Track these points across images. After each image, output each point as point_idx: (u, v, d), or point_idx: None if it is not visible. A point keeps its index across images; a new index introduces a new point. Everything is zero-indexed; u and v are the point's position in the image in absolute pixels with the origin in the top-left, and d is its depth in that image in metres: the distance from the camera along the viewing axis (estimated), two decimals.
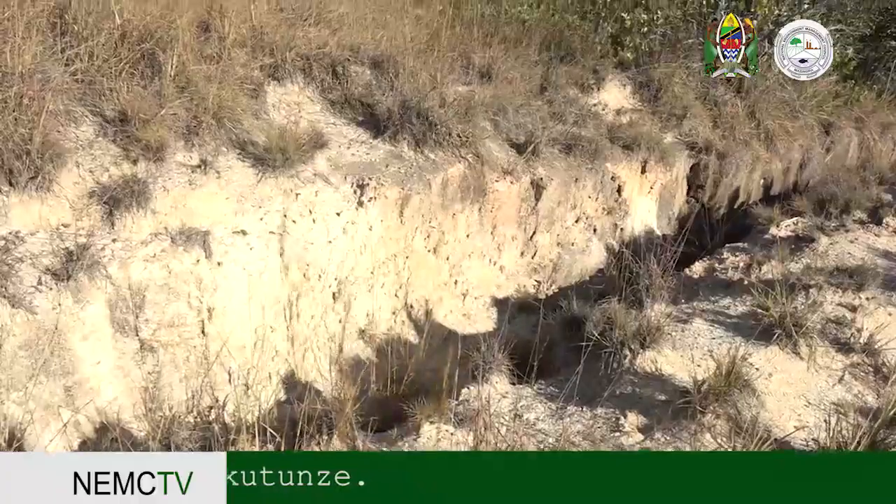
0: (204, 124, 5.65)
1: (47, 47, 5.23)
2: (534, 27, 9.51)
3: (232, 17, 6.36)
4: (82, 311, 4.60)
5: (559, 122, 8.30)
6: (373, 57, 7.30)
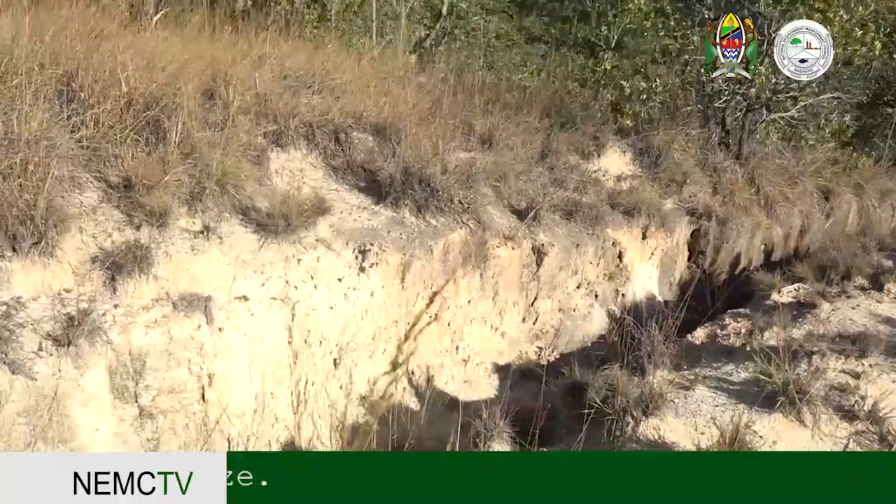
0: (207, 190, 5.69)
1: (54, 114, 5.28)
2: (535, 94, 9.64)
3: (236, 85, 6.44)
4: (82, 377, 4.57)
5: (560, 188, 8.35)
6: (375, 124, 7.37)
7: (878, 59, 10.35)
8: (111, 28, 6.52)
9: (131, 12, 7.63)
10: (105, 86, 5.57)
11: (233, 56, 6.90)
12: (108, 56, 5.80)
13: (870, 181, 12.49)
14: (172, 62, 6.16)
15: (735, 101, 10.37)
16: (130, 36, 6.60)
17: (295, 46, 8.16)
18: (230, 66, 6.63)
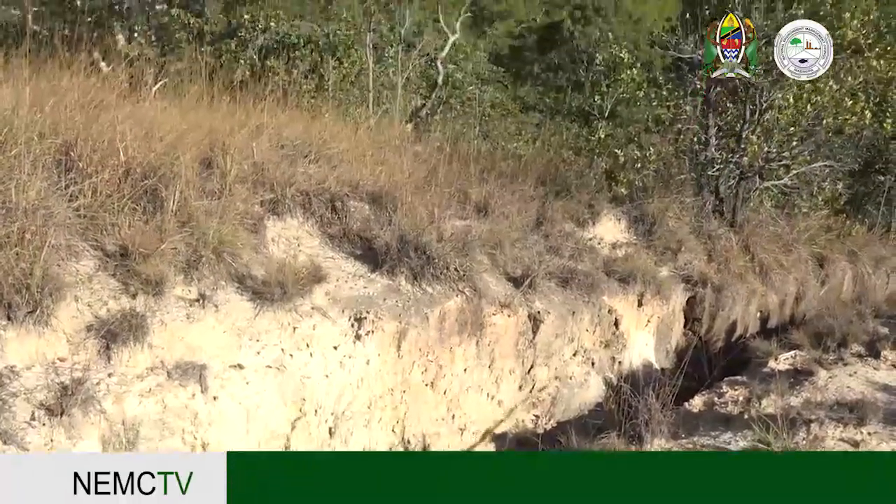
0: (203, 258, 5.70)
1: (52, 183, 5.32)
2: (530, 163, 9.72)
3: (234, 154, 6.49)
4: (74, 447, 4.52)
5: (555, 255, 8.38)
6: (371, 192, 7.42)
7: (868, 128, 10.47)
8: (110, 98, 6.60)
9: (131, 83, 7.71)
10: (103, 155, 5.62)
11: (231, 126, 6.97)
12: (107, 126, 5.86)
13: (864, 248, 12.55)
14: (171, 132, 6.22)
15: (728, 169, 10.47)
16: (129, 106, 6.67)
17: (292, 116, 8.25)
18: (228, 136, 6.70)
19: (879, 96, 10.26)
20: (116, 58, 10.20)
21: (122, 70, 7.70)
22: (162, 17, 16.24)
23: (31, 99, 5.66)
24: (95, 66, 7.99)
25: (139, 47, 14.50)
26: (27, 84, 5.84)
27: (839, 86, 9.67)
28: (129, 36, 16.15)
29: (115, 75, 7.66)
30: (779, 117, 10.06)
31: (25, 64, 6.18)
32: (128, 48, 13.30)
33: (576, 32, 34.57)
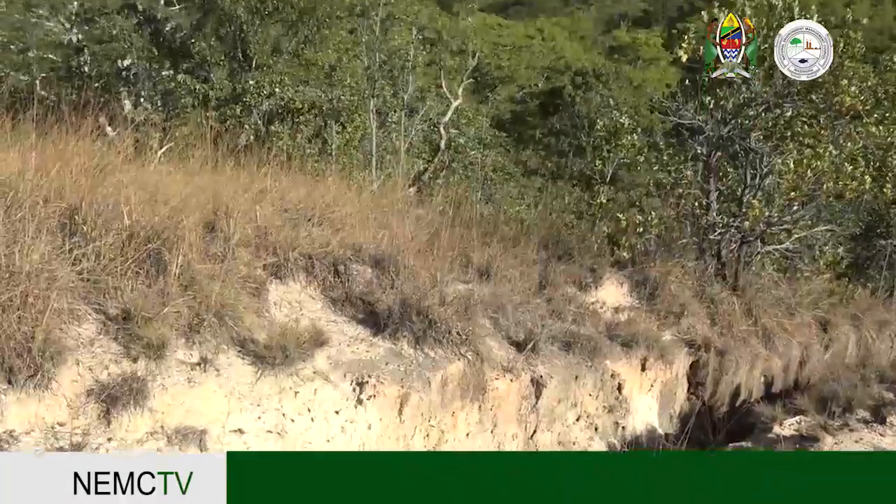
0: (206, 322, 5.70)
1: (56, 247, 5.34)
2: (532, 226, 9.76)
3: (237, 218, 6.52)
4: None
5: (558, 319, 8.36)
6: (374, 256, 7.44)
7: (868, 193, 10.52)
8: (116, 162, 6.65)
9: (136, 147, 7.80)
10: (108, 219, 5.65)
11: (235, 190, 7.02)
12: (112, 190, 5.91)
13: (867, 312, 12.52)
14: (175, 196, 6.26)
15: (730, 233, 10.50)
16: (135, 170, 6.73)
17: (296, 180, 8.30)
18: (232, 200, 6.74)
19: (879, 161, 10.32)
20: (123, 122, 10.33)
21: (127, 135, 7.78)
22: (168, 82, 16.46)
23: (38, 163, 5.71)
24: (102, 131, 8.07)
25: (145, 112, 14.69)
26: (34, 148, 5.91)
27: (839, 151, 9.75)
28: (136, 101, 16.35)
29: (121, 140, 7.74)
30: (779, 182, 10.12)
31: (32, 129, 6.25)
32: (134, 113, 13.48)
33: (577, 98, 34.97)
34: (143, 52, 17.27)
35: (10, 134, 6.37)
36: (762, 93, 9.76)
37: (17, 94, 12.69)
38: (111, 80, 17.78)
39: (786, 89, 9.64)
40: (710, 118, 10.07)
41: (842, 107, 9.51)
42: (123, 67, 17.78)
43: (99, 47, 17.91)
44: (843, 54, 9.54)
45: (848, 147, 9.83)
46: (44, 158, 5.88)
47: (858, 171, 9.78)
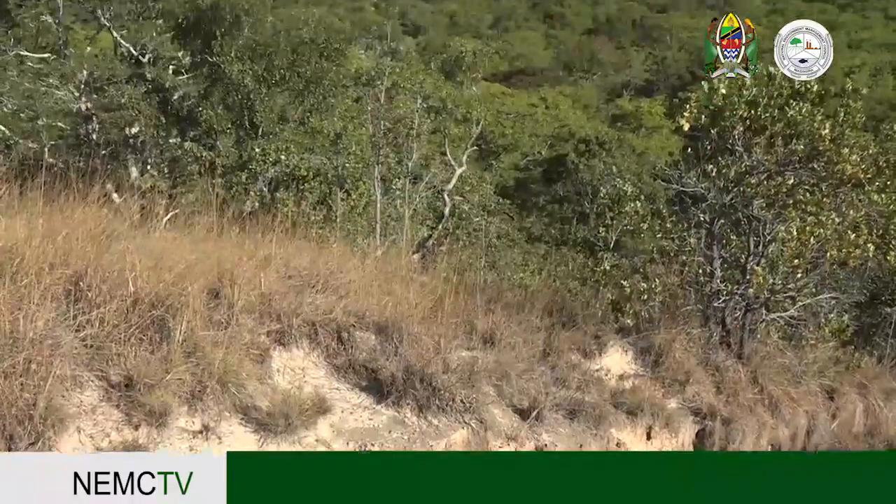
0: (208, 389, 5.68)
1: (60, 313, 5.35)
2: (536, 293, 9.75)
3: (241, 285, 6.54)
4: None
5: (562, 387, 8.31)
6: (378, 323, 7.43)
7: (872, 261, 10.52)
8: (121, 229, 6.70)
9: (142, 214, 7.85)
10: (112, 286, 5.67)
11: (239, 256, 7.05)
12: (118, 257, 5.94)
13: (874, 381, 12.42)
14: (180, 262, 6.28)
15: (734, 300, 10.47)
16: (140, 237, 6.77)
17: (300, 247, 8.34)
18: (236, 267, 6.76)
19: (882, 229, 10.34)
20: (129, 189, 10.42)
21: (133, 201, 7.85)
22: (175, 150, 16.66)
23: (44, 230, 5.75)
24: (108, 198, 8.14)
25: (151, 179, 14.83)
26: (41, 215, 5.96)
27: (841, 219, 9.77)
28: (143, 168, 16.53)
29: (127, 206, 7.81)
30: (783, 250, 10.13)
31: (40, 196, 6.32)
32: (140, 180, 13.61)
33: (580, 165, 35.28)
34: (150, 120, 17.51)
35: (18, 201, 6.43)
36: (764, 161, 9.83)
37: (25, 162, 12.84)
38: (118, 147, 18.01)
39: (787, 158, 9.71)
40: (713, 186, 10.12)
41: (843, 175, 9.56)
42: (131, 135, 18.01)
43: (107, 115, 18.17)
44: (844, 123, 9.62)
45: (850, 215, 9.86)
46: (51, 225, 5.93)
47: (861, 239, 9.79)
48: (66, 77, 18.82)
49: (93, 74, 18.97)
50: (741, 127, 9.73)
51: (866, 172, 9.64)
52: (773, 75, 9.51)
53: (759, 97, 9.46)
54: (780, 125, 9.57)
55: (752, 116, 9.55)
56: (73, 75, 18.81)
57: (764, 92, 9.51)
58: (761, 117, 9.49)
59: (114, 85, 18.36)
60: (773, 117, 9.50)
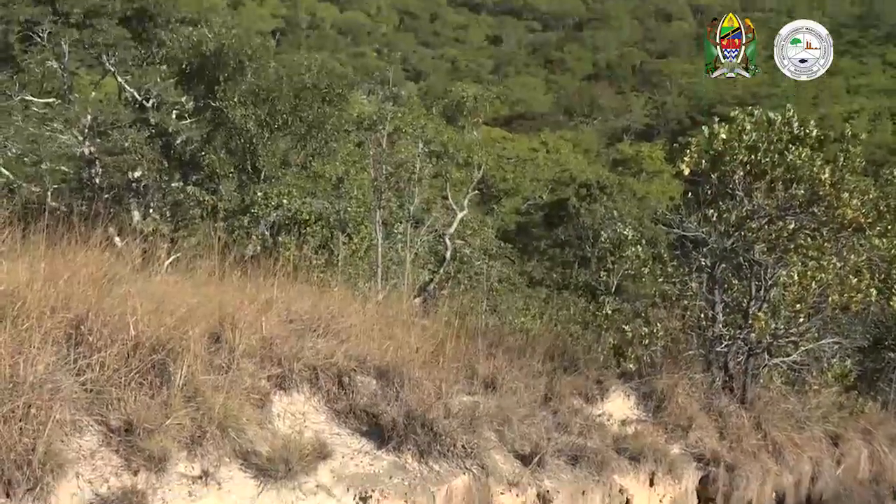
0: (208, 434, 5.64)
1: (61, 357, 5.34)
2: (537, 338, 9.73)
3: (243, 329, 6.53)
4: None
5: (564, 432, 8.26)
6: (379, 367, 7.40)
7: (874, 305, 10.51)
8: (123, 273, 6.70)
9: (144, 257, 7.87)
10: (113, 329, 5.66)
11: (241, 300, 7.04)
12: (119, 300, 5.94)
13: (878, 427, 12.34)
14: (181, 306, 6.28)
15: (736, 345, 10.45)
16: (142, 281, 6.78)
17: (302, 290, 8.33)
18: (238, 310, 6.76)
19: (884, 274, 10.34)
20: (131, 233, 10.44)
21: (136, 245, 7.86)
22: (177, 193, 16.73)
23: (46, 273, 5.76)
24: (110, 242, 8.16)
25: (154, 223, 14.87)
26: (43, 259, 5.97)
27: (843, 263, 9.78)
28: (145, 212, 16.58)
29: (129, 250, 7.82)
30: (784, 294, 10.12)
31: (43, 239, 6.33)
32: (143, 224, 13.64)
33: (581, 210, 35.39)
34: (153, 165, 17.63)
35: (21, 245, 6.45)
36: (764, 205, 9.86)
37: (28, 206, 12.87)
38: (121, 191, 18.09)
39: (788, 202, 9.74)
40: (714, 230, 10.14)
41: (844, 220, 9.59)
42: (134, 179, 18.11)
43: (111, 159, 18.29)
44: (844, 168, 9.66)
45: (852, 259, 9.87)
46: (53, 269, 5.93)
47: (863, 284, 9.79)
48: (71, 121, 18.96)
49: (97, 119, 19.12)
50: (741, 171, 9.77)
51: (867, 217, 9.66)
52: (773, 120, 9.58)
53: (758, 142, 9.52)
54: (780, 170, 9.62)
55: (753, 161, 9.60)
56: (78, 120, 18.95)
57: (764, 137, 9.57)
58: (761, 162, 9.54)
59: (117, 129, 18.50)
60: (774, 162, 9.54)
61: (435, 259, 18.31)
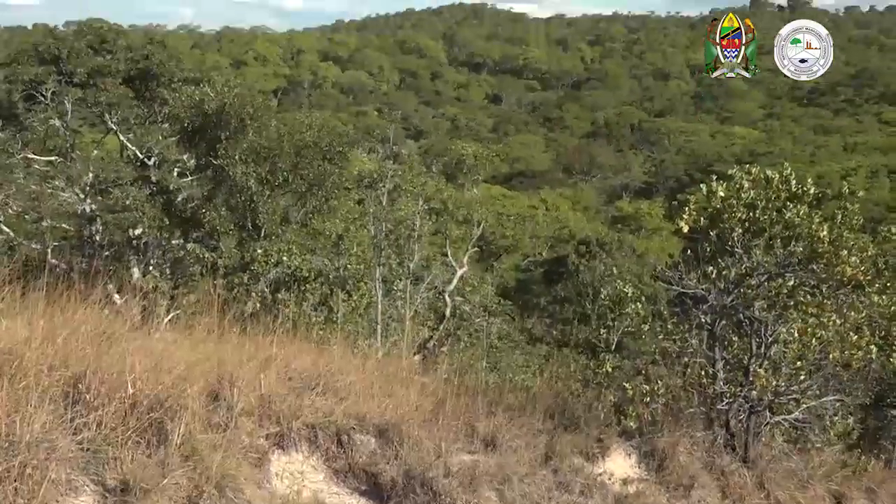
0: (205, 494, 5.58)
1: (58, 416, 5.30)
2: (538, 395, 9.68)
3: (241, 387, 6.51)
4: None
5: (565, 492, 8.17)
6: (378, 425, 7.36)
7: (875, 362, 10.46)
8: (122, 330, 6.70)
9: (143, 314, 7.87)
10: (111, 388, 5.63)
11: (240, 358, 7.03)
12: (117, 358, 5.92)
13: (882, 485, 12.21)
14: (180, 364, 6.26)
15: (738, 403, 10.38)
16: (140, 338, 6.77)
17: (301, 348, 8.32)
18: (237, 368, 6.74)
19: (884, 331, 10.32)
20: (131, 290, 10.45)
21: (135, 302, 7.87)
22: (178, 251, 16.77)
23: (45, 331, 5.74)
24: (110, 299, 8.17)
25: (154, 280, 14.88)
26: (42, 316, 5.96)
27: (843, 320, 9.76)
28: (145, 269, 16.61)
29: (129, 307, 7.82)
30: (785, 351, 10.09)
31: (42, 296, 6.33)
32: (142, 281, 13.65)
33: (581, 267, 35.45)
34: (154, 222, 17.69)
35: (20, 302, 6.45)
36: (763, 262, 9.88)
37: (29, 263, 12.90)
38: (121, 248, 18.14)
39: (787, 259, 9.75)
40: (713, 287, 10.14)
41: (843, 277, 9.59)
42: (134, 236, 18.17)
43: (111, 217, 18.37)
44: (842, 225, 9.70)
45: (852, 316, 9.85)
46: (51, 326, 5.93)
47: (864, 341, 9.76)
48: (72, 179, 19.10)
49: (98, 177, 19.26)
50: (740, 229, 9.81)
51: (866, 274, 9.67)
52: (771, 178, 9.64)
53: (757, 200, 9.57)
54: (778, 227, 9.66)
55: (751, 219, 9.65)
56: (79, 178, 19.10)
57: (762, 194, 9.62)
58: (760, 219, 9.58)
59: (119, 187, 18.63)
60: (772, 219, 9.59)
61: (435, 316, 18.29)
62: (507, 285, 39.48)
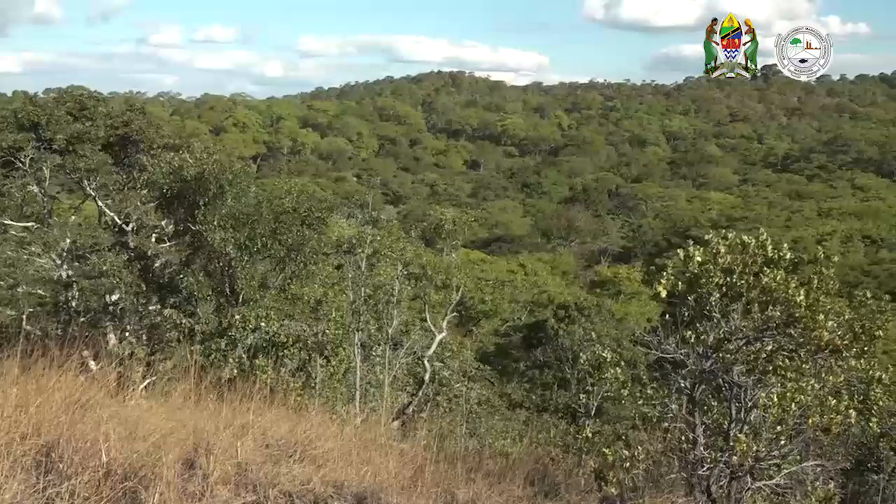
0: None
1: (29, 485, 5.21)
2: (518, 461, 9.60)
3: (217, 454, 6.41)
4: None
5: None
6: (356, 493, 7.25)
7: (855, 427, 10.46)
8: (97, 397, 6.62)
9: (118, 381, 7.77)
10: (85, 456, 5.55)
11: (216, 425, 6.95)
12: (91, 426, 5.84)
13: None
14: (155, 431, 6.19)
15: (718, 468, 10.33)
16: (115, 405, 6.69)
17: (279, 414, 8.24)
18: (213, 435, 6.66)
19: (863, 395, 10.34)
20: (107, 356, 10.34)
21: (111, 369, 7.78)
22: (154, 316, 16.63)
23: (17, 399, 5.67)
24: (85, 366, 8.08)
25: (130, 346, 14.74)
26: (15, 384, 5.88)
27: (821, 385, 9.77)
28: (121, 335, 16.46)
29: (104, 374, 7.74)
30: (765, 416, 10.07)
31: (15, 364, 6.26)
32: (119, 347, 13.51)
33: (560, 331, 35.42)
34: (131, 288, 17.59)
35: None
36: (742, 327, 9.91)
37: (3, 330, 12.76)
38: (98, 314, 17.99)
39: (764, 324, 9.79)
40: (692, 352, 10.14)
41: (820, 341, 9.63)
42: (111, 302, 18.04)
43: (88, 283, 18.25)
44: (818, 290, 9.77)
45: (830, 381, 9.87)
46: (25, 393, 5.85)
47: (843, 406, 9.76)
48: (49, 245, 19.00)
49: (76, 243, 19.18)
50: (718, 294, 9.85)
51: (843, 338, 9.72)
52: (747, 243, 9.73)
53: (733, 265, 9.64)
54: (755, 292, 9.71)
55: (728, 283, 9.70)
56: (56, 244, 19.00)
57: (738, 259, 9.69)
58: (737, 284, 9.64)
59: (96, 253, 18.55)
60: (749, 284, 9.64)
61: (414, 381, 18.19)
62: (487, 350, 39.38)
